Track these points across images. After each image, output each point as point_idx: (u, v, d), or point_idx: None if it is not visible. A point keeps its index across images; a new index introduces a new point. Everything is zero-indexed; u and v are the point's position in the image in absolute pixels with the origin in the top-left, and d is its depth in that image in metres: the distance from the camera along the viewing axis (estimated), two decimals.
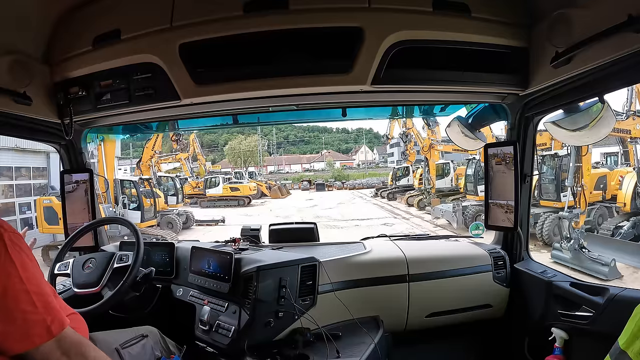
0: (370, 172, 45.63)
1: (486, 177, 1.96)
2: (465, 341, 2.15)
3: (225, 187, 22.40)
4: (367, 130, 63.57)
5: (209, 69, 1.54)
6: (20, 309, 0.85)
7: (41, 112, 1.73)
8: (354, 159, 58.35)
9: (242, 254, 1.83)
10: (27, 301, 0.86)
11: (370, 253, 2.00)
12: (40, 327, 0.87)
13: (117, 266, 1.73)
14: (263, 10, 1.44)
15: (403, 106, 2.23)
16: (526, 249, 2.09)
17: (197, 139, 23.61)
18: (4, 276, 0.84)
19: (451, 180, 17.18)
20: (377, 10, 1.43)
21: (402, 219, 15.12)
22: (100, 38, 1.59)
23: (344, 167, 51.77)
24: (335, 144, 63.62)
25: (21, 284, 0.86)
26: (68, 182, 2.13)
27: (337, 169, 49.02)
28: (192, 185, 23.13)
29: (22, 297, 0.86)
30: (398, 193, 21.71)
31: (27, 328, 0.85)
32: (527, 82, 1.62)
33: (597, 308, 1.56)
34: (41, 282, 0.93)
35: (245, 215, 17.04)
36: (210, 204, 21.58)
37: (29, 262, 0.90)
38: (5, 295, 0.84)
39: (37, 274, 0.92)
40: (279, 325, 1.65)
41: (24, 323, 0.85)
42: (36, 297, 0.88)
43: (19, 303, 0.85)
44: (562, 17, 1.33)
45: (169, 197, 15.07)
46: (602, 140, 1.74)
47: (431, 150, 17.06)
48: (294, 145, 60.88)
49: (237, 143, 46.50)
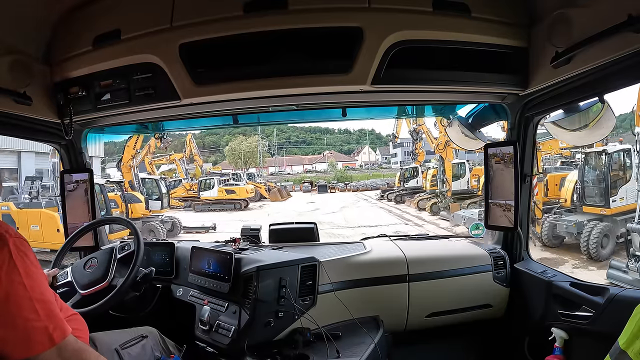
0: (374, 173, 44.85)
1: (486, 177, 1.96)
2: (465, 341, 2.15)
3: (220, 189, 21.08)
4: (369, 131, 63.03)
5: (209, 69, 1.54)
6: (23, 316, 0.85)
7: (41, 112, 1.73)
8: (356, 159, 57.62)
9: (242, 254, 1.83)
10: (29, 308, 0.86)
11: (370, 253, 2.00)
12: (42, 334, 0.87)
13: (120, 256, 1.74)
14: (263, 11, 1.44)
15: (403, 106, 2.23)
16: (526, 249, 2.09)
17: (193, 139, 22.85)
18: (8, 283, 0.85)
19: (467, 182, 15.67)
20: (377, 10, 1.43)
21: (414, 226, 13.61)
22: (100, 38, 1.60)
23: (347, 168, 50.56)
24: (337, 145, 63.04)
25: (24, 291, 0.86)
26: (68, 182, 2.13)
27: (339, 170, 47.64)
28: (186, 188, 22.14)
29: (24, 304, 0.86)
30: (406, 195, 20.30)
31: (29, 335, 0.85)
32: (527, 82, 1.62)
33: (597, 308, 1.56)
34: (44, 289, 0.93)
35: (240, 221, 14.96)
36: (205, 207, 20.39)
37: (33, 268, 0.90)
38: (8, 301, 0.84)
39: (40, 281, 0.92)
40: (279, 325, 1.65)
41: (26, 330, 0.85)
42: (39, 305, 0.88)
43: (22, 310, 0.85)
44: (562, 17, 1.33)
45: (151, 201, 13.63)
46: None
47: (447, 148, 15.18)
48: (295, 146, 60.50)
49: (237, 144, 45.78)
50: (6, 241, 0.87)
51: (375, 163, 54.68)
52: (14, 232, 0.91)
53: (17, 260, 0.87)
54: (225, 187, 21.45)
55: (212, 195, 20.75)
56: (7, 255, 0.85)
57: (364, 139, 62.61)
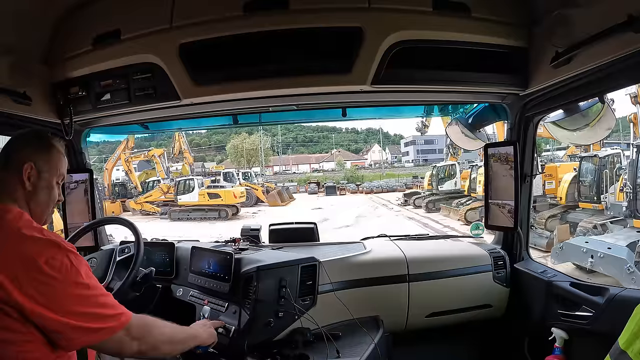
0: (388, 172, 42.01)
1: (486, 177, 1.96)
2: (465, 341, 2.15)
3: (201, 193, 17.06)
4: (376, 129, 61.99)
5: (209, 69, 1.54)
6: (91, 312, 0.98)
7: (41, 112, 1.72)
8: (365, 158, 56.48)
9: (242, 254, 1.83)
10: (96, 304, 0.99)
11: (371, 253, 2.00)
12: (112, 321, 1.01)
13: (119, 259, 1.74)
14: (263, 10, 1.44)
15: (403, 106, 2.23)
16: (526, 249, 2.09)
17: (183, 134, 20.09)
18: (74, 283, 0.96)
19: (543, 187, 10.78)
20: (377, 10, 1.43)
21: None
22: (100, 38, 1.60)
23: (357, 168, 47.52)
24: (345, 144, 62.41)
25: (87, 290, 0.99)
26: (68, 182, 2.13)
27: (349, 169, 44.57)
28: (163, 190, 18.24)
29: (92, 301, 0.99)
30: (441, 201, 15.71)
31: (102, 323, 0.99)
32: (527, 82, 1.62)
33: (597, 308, 1.56)
34: (102, 287, 1.06)
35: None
36: (183, 215, 16.67)
37: (89, 271, 1.03)
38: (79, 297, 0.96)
39: (97, 280, 1.05)
40: (279, 325, 1.65)
41: (97, 321, 0.98)
42: (102, 299, 1.02)
43: (89, 308, 0.98)
44: (562, 17, 1.33)
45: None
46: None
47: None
48: (303, 145, 59.92)
49: (239, 141, 43.71)
50: (66, 253, 0.97)
51: (386, 162, 53.43)
52: (70, 245, 1.01)
53: (78, 267, 0.98)
54: (207, 190, 17.51)
55: (192, 200, 17.13)
56: (69, 263, 0.96)
57: (372, 138, 61.98)
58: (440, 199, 15.99)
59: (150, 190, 19.09)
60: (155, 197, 18.54)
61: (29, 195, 1.05)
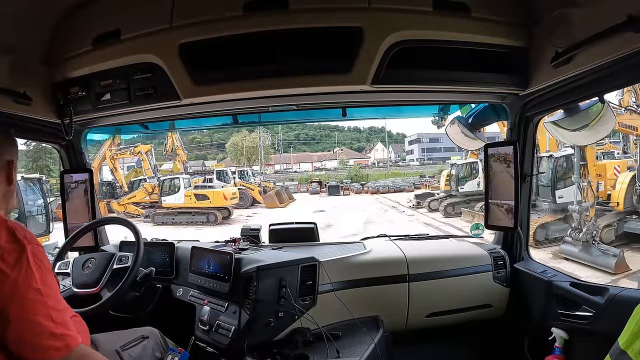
0: (393, 171, 40.46)
1: (486, 177, 1.96)
2: (465, 341, 2.15)
3: (188, 194, 15.37)
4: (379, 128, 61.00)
5: (209, 69, 1.54)
6: (38, 321, 0.87)
7: (41, 112, 1.72)
8: (369, 156, 55.41)
9: (242, 254, 1.83)
10: (45, 314, 0.88)
11: (370, 253, 2.00)
12: (57, 341, 0.89)
13: (116, 267, 1.73)
14: (263, 10, 1.44)
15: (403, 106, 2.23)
16: (526, 249, 2.09)
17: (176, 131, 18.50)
18: (25, 288, 0.86)
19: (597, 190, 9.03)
20: (377, 10, 1.43)
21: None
22: (100, 38, 1.60)
23: (361, 166, 45.52)
24: (347, 143, 61.66)
25: (40, 297, 0.88)
26: (68, 182, 2.13)
27: (353, 168, 42.67)
28: (148, 191, 16.53)
29: (40, 309, 0.87)
30: (462, 204, 13.92)
31: (45, 341, 0.87)
32: (527, 82, 1.62)
33: (597, 308, 1.56)
34: (59, 297, 0.95)
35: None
36: (167, 219, 15.15)
37: (48, 276, 0.93)
38: (24, 306, 0.86)
39: (55, 289, 0.95)
40: (279, 325, 1.65)
41: (42, 335, 0.87)
42: (54, 313, 0.89)
43: (37, 315, 0.87)
44: (562, 17, 1.33)
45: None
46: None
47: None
48: (305, 144, 59.39)
49: (240, 139, 41.44)
50: (24, 247, 0.89)
51: (389, 160, 52.27)
52: (32, 239, 0.93)
53: (34, 267, 0.88)
54: (194, 191, 15.80)
55: (178, 201, 15.45)
56: (25, 262, 0.87)
57: (374, 137, 61.40)
58: (460, 201, 14.37)
59: (135, 191, 17.41)
60: (140, 198, 16.80)
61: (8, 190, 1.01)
